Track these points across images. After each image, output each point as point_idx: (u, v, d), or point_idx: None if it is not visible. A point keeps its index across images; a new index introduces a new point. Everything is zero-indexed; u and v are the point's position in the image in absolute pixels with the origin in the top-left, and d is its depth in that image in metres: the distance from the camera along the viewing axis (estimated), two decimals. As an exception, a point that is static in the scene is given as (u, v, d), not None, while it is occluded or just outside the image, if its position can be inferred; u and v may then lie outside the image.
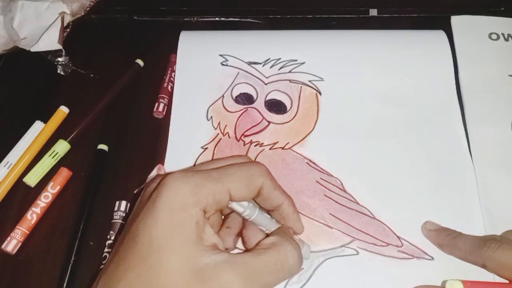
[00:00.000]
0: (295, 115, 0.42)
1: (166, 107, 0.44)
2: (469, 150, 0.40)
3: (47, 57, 0.47)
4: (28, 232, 0.38)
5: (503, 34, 0.46)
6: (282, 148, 0.41)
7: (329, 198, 0.38)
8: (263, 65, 0.45)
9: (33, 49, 0.46)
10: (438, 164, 0.39)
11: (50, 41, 0.47)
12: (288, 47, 0.45)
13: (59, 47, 0.46)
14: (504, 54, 0.45)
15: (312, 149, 0.40)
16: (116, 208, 0.38)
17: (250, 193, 0.29)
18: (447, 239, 0.35)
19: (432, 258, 0.35)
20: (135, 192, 0.39)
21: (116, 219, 0.38)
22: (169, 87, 0.44)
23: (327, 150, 0.40)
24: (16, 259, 0.37)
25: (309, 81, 0.44)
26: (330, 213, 0.37)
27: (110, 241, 0.37)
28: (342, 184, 0.39)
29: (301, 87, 0.43)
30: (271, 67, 0.44)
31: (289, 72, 0.44)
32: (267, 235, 0.30)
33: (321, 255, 0.36)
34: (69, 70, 0.46)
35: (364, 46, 0.45)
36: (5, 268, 0.37)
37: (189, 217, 0.25)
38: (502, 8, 0.49)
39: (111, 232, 0.37)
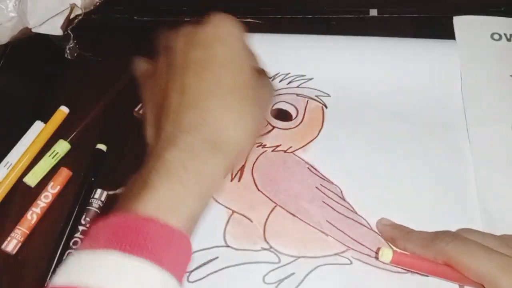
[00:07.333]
0: (300, 122, 0.42)
1: None
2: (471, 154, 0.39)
3: (55, 42, 0.48)
4: (28, 232, 0.38)
5: (505, 35, 0.46)
6: (285, 151, 0.40)
7: (327, 205, 0.38)
8: (273, 79, 0.44)
9: (34, 30, 0.47)
10: (441, 181, 0.39)
11: (53, 26, 0.47)
12: (297, 62, 0.45)
13: (60, 32, 0.47)
14: (506, 54, 0.45)
15: (314, 155, 0.40)
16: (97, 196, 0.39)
17: None
18: (401, 234, 0.35)
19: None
20: (110, 193, 0.39)
21: (94, 207, 0.38)
22: None
23: (330, 158, 0.40)
24: (16, 259, 0.37)
25: (316, 96, 0.44)
26: (327, 220, 0.37)
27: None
28: (341, 192, 0.38)
29: (307, 100, 0.43)
30: (280, 81, 0.44)
31: (297, 87, 0.44)
32: None
33: (313, 261, 0.35)
34: (75, 54, 0.47)
35: (373, 60, 0.45)
36: (5, 268, 0.37)
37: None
38: (502, 8, 0.48)
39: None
